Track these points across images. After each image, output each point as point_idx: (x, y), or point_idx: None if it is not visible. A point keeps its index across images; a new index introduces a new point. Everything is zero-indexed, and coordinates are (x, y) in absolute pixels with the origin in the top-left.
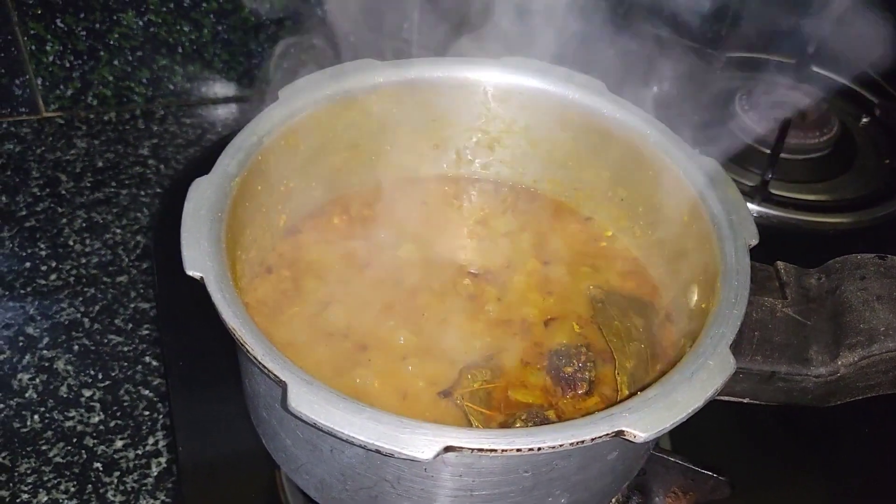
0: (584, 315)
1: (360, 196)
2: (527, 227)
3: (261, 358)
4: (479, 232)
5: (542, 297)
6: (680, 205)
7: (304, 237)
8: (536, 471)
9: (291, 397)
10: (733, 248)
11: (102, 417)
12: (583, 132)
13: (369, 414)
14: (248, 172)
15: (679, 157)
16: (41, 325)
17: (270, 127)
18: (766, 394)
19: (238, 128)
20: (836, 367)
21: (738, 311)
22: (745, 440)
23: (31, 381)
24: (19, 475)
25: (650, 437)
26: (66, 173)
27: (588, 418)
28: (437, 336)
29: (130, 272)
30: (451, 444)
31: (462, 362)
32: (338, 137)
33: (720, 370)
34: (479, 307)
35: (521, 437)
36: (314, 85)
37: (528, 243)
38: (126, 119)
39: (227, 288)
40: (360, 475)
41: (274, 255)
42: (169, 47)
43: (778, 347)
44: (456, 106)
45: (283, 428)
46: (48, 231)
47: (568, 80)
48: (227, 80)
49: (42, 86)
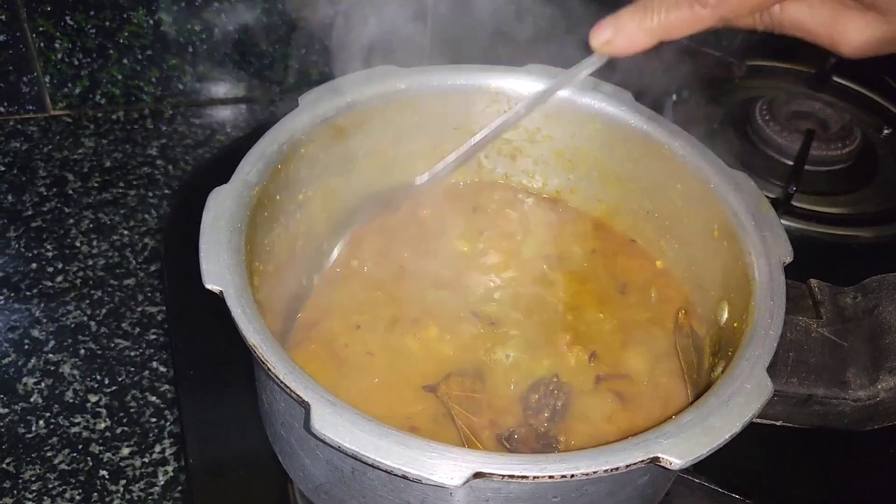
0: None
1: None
2: (548, 238)
3: (283, 377)
4: (498, 244)
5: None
6: (709, 219)
7: None
8: (566, 496)
9: (315, 419)
10: (767, 266)
11: (109, 424)
12: (608, 143)
13: (396, 438)
14: (267, 181)
15: (709, 170)
16: (47, 328)
17: (291, 135)
18: (801, 417)
19: (248, 128)
20: (875, 391)
21: (775, 332)
22: (773, 462)
23: (37, 385)
24: (24, 482)
25: (686, 463)
26: (73, 173)
27: (622, 443)
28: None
29: (138, 275)
30: (480, 471)
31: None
32: (358, 145)
33: (757, 394)
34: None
35: (554, 463)
36: (334, 92)
37: (545, 254)
38: (134, 118)
39: (248, 303)
40: (382, 497)
41: None
42: (179, 46)
43: (814, 369)
44: (478, 114)
45: (301, 447)
46: (55, 232)
47: (594, 90)
48: (238, 81)
49: (50, 83)
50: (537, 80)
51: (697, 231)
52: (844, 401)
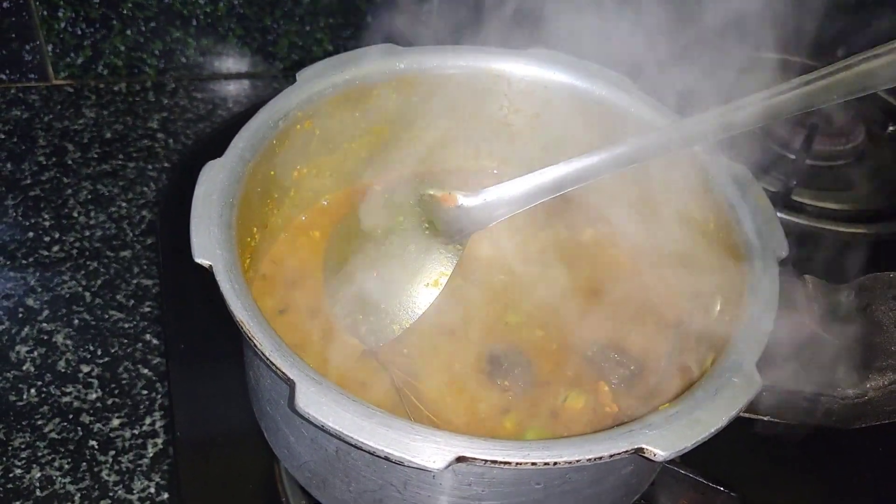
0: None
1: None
2: (543, 225)
3: (269, 354)
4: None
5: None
6: (706, 211)
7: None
8: (549, 483)
9: (300, 397)
10: (762, 260)
11: (100, 395)
12: (607, 130)
13: (380, 419)
14: (261, 157)
15: (707, 161)
16: (41, 298)
17: (287, 110)
18: (788, 413)
19: (250, 104)
20: (864, 390)
21: (766, 327)
22: (760, 457)
23: (29, 353)
24: (13, 450)
25: (670, 455)
26: (73, 143)
27: (607, 433)
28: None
29: (134, 247)
30: (463, 455)
31: None
32: (354, 124)
33: (745, 388)
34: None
35: (537, 450)
36: (333, 69)
37: (542, 244)
38: (136, 90)
39: (237, 278)
40: (366, 478)
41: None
42: (183, 19)
43: (804, 366)
44: (477, 97)
45: (286, 424)
46: (52, 201)
47: (596, 77)
48: (241, 56)
49: (52, 52)
50: (539, 64)
51: (694, 222)
52: (833, 398)
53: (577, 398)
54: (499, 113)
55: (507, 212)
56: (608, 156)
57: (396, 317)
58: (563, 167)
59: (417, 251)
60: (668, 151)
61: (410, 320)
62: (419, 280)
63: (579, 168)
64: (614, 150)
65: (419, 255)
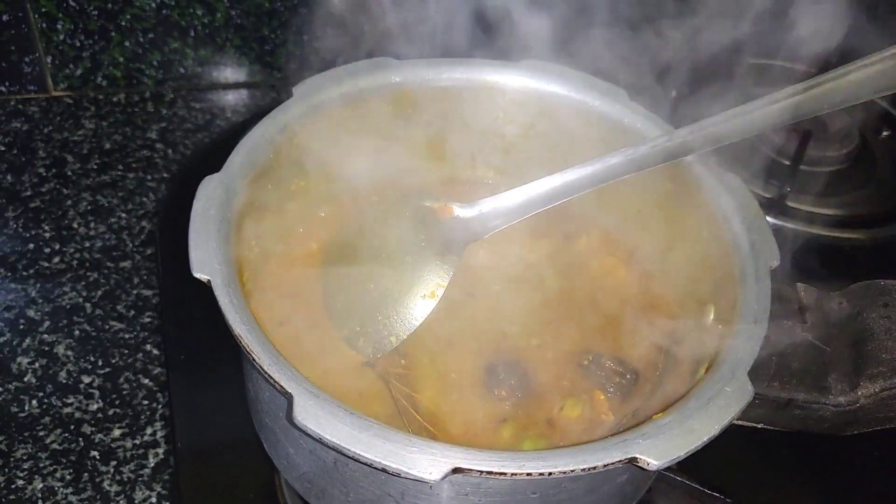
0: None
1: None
2: (538, 235)
3: (267, 368)
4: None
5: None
6: (699, 220)
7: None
8: (545, 493)
9: (297, 411)
10: (754, 270)
11: (101, 405)
12: (601, 141)
13: (376, 431)
14: (258, 170)
15: (700, 170)
16: (42, 309)
17: (284, 124)
18: (781, 420)
19: (248, 114)
20: (855, 397)
21: (758, 336)
22: (754, 463)
23: (31, 365)
24: (15, 461)
25: (663, 464)
26: (72, 154)
27: (601, 443)
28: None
29: (134, 258)
30: (459, 466)
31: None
32: (351, 136)
33: (738, 398)
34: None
35: (532, 460)
36: (329, 82)
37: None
38: (135, 101)
39: (235, 292)
40: (364, 489)
41: None
42: (181, 30)
43: (796, 374)
44: (473, 108)
45: (285, 436)
46: (53, 213)
47: (590, 88)
48: (239, 66)
49: (51, 64)
50: (533, 75)
51: (687, 231)
52: (825, 406)
53: (573, 407)
54: (494, 124)
55: (503, 223)
56: (602, 166)
57: (394, 328)
58: (558, 178)
59: (414, 263)
60: (662, 162)
61: (408, 332)
62: (416, 291)
63: (574, 179)
64: (608, 161)
65: (416, 267)
